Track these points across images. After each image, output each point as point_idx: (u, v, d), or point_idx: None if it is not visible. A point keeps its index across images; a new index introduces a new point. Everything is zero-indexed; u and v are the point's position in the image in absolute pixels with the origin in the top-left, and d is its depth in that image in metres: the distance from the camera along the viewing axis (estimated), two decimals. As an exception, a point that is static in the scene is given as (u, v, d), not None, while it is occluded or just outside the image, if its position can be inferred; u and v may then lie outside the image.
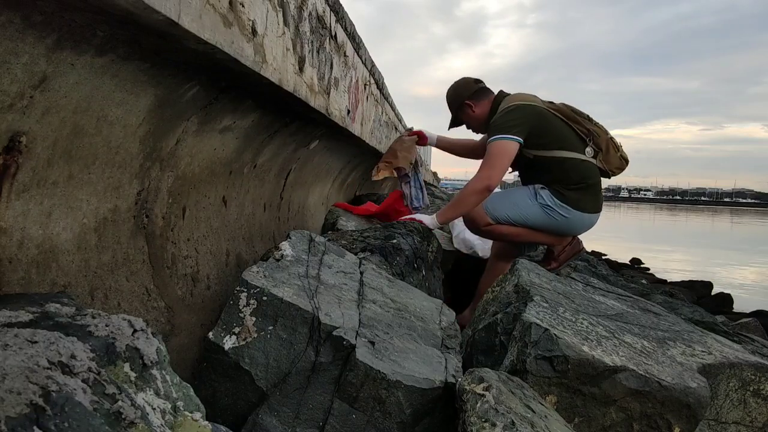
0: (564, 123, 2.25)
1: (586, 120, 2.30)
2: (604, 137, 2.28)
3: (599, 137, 2.27)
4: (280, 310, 1.18)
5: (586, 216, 2.30)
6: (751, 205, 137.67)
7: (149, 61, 1.10)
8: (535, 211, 2.25)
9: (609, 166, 2.30)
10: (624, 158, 2.34)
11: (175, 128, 1.40)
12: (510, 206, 2.27)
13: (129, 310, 1.25)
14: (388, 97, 4.80)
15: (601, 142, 2.27)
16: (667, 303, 2.73)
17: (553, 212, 2.25)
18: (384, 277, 1.58)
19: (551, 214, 2.25)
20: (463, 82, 2.47)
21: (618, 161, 2.32)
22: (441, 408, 1.13)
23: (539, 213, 2.25)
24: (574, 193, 2.24)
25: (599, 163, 2.29)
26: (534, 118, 2.20)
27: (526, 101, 2.25)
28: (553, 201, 2.24)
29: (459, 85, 2.47)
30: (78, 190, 1.10)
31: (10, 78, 0.83)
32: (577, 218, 2.27)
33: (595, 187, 2.31)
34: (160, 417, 0.70)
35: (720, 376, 1.46)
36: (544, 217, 2.26)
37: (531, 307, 1.49)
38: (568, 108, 2.30)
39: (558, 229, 2.30)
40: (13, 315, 0.72)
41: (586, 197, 2.26)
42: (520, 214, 2.26)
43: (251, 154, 2.02)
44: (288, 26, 1.61)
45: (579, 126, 2.26)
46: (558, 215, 2.25)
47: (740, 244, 17.03)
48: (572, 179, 2.24)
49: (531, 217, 2.26)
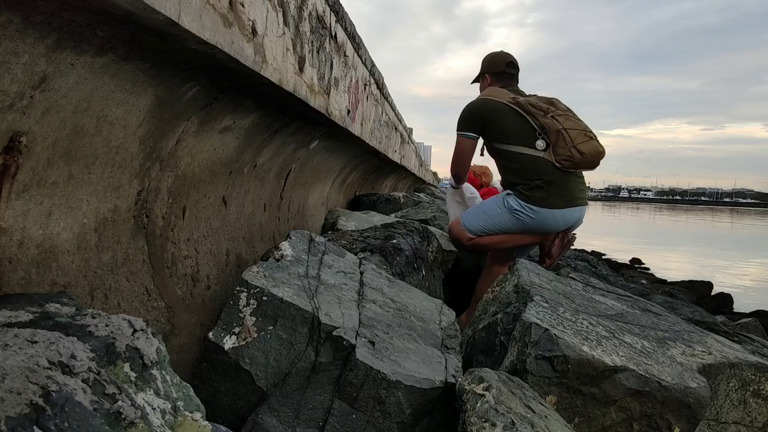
0: (521, 117, 2.30)
1: (541, 113, 2.27)
2: (554, 128, 2.24)
3: (549, 129, 2.25)
4: (280, 310, 1.18)
5: (557, 212, 2.29)
6: (751, 205, 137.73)
7: (149, 61, 1.10)
8: (505, 218, 2.36)
9: (557, 158, 2.24)
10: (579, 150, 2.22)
11: (175, 128, 1.40)
12: (483, 218, 2.40)
13: (129, 310, 1.25)
14: (388, 97, 4.80)
15: (551, 135, 2.25)
16: (667, 303, 2.73)
17: (521, 215, 2.32)
18: (384, 277, 1.58)
19: (520, 217, 2.33)
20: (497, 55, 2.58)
21: (567, 153, 2.22)
22: (441, 408, 1.13)
23: (509, 218, 2.35)
24: (536, 191, 2.27)
25: (548, 156, 2.26)
26: (486, 112, 2.36)
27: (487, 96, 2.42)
28: (518, 204, 2.31)
29: (492, 57, 2.59)
30: (78, 190, 1.10)
31: (10, 78, 0.83)
32: (546, 215, 2.28)
33: (555, 183, 2.27)
34: (160, 417, 0.70)
35: (720, 376, 1.46)
36: (515, 221, 2.34)
37: (531, 307, 1.49)
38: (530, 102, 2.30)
39: (532, 229, 2.35)
40: (13, 315, 0.72)
41: (550, 194, 2.26)
42: (494, 223, 2.39)
43: (251, 154, 2.02)
44: (288, 26, 1.61)
45: (533, 119, 2.28)
46: (526, 216, 2.31)
47: (740, 244, 17.04)
48: (528, 177, 2.29)
49: (503, 224, 2.37)
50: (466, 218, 2.44)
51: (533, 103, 2.29)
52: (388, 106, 4.83)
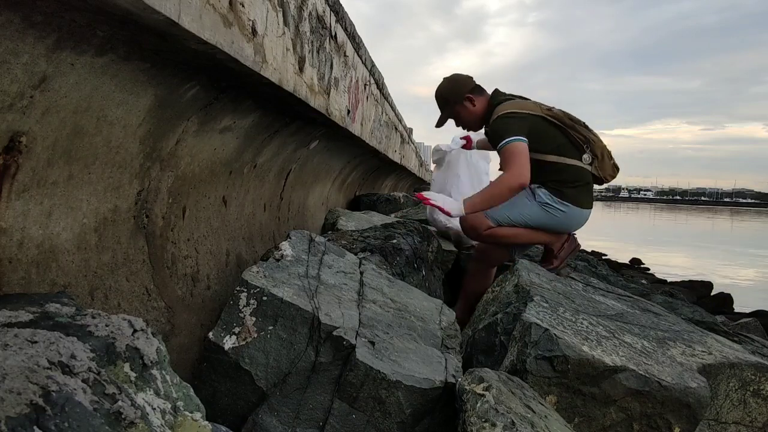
0: (560, 129, 2.32)
1: (583, 127, 2.36)
2: (599, 145, 2.36)
3: (595, 144, 2.35)
4: (280, 310, 1.18)
5: (584, 212, 2.38)
6: (751, 205, 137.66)
7: (149, 61, 1.10)
8: (534, 210, 2.31)
9: (603, 173, 2.39)
10: (616, 166, 2.44)
11: (175, 128, 1.40)
12: (509, 207, 2.31)
13: (129, 310, 1.25)
14: (388, 96, 4.80)
15: (596, 150, 2.36)
16: (667, 303, 2.73)
17: (552, 209, 2.31)
18: (384, 277, 1.58)
19: (551, 211, 2.31)
20: (461, 77, 2.49)
21: (611, 169, 2.42)
22: (441, 408, 1.13)
23: (538, 211, 2.31)
24: (570, 190, 2.31)
25: (594, 170, 2.38)
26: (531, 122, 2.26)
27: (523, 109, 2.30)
28: (551, 198, 2.31)
29: (457, 79, 2.48)
30: (78, 190, 1.10)
31: (10, 78, 0.83)
32: (575, 214, 2.34)
33: (589, 186, 2.40)
34: (160, 417, 0.70)
35: (720, 376, 1.46)
36: (544, 214, 2.32)
37: (531, 307, 1.49)
38: (566, 115, 2.36)
39: (557, 225, 2.36)
40: (13, 315, 0.72)
41: (582, 194, 2.34)
42: (520, 214, 2.31)
43: (251, 154, 2.02)
44: (288, 26, 1.61)
45: (576, 133, 2.33)
46: (557, 211, 2.31)
47: (740, 244, 17.04)
48: (567, 180, 2.32)
49: (531, 216, 2.31)
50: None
51: (570, 116, 2.36)
52: (388, 106, 4.83)
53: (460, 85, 2.43)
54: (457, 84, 2.44)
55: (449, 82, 2.47)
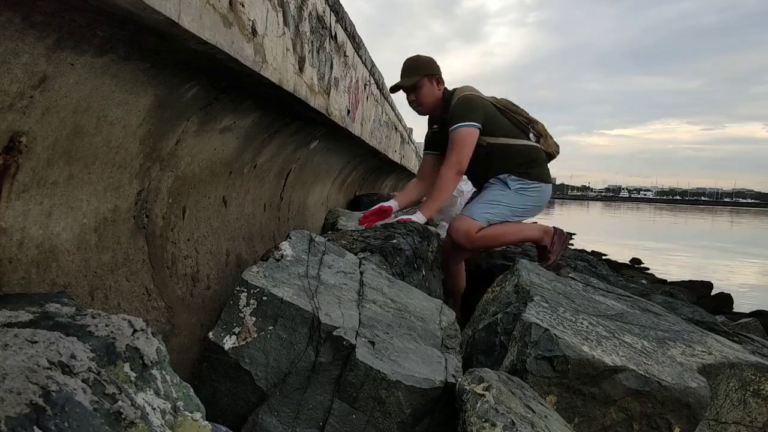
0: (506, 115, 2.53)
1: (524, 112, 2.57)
2: (540, 125, 2.59)
3: (537, 124, 2.57)
4: (280, 310, 1.18)
5: (549, 186, 2.59)
6: (751, 205, 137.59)
7: (149, 61, 1.10)
8: (512, 198, 2.44)
9: (550, 149, 2.60)
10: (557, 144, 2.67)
11: (175, 128, 1.40)
12: (488, 206, 2.42)
13: (129, 310, 1.25)
14: (388, 97, 4.80)
15: (539, 129, 2.58)
16: (667, 303, 2.73)
17: (528, 191, 2.47)
18: (384, 277, 1.58)
19: (527, 194, 2.47)
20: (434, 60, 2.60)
21: (555, 146, 2.64)
22: (441, 408, 1.13)
23: (517, 197, 2.45)
24: (535, 170, 2.49)
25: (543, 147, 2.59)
26: (486, 107, 2.46)
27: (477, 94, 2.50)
28: (522, 182, 2.46)
29: (431, 59, 2.60)
30: (78, 190, 1.10)
31: (10, 78, 0.83)
32: (547, 189, 2.55)
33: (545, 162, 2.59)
34: (160, 417, 0.70)
35: (720, 376, 1.46)
36: (523, 198, 2.46)
37: (531, 307, 1.49)
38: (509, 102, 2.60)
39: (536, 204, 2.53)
40: (13, 315, 0.72)
41: (543, 170, 2.54)
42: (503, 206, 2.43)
43: (251, 154, 2.02)
44: (288, 26, 1.61)
45: (519, 116, 2.55)
46: (533, 192, 2.47)
47: (740, 244, 17.04)
48: (528, 162, 2.49)
49: (512, 204, 2.43)
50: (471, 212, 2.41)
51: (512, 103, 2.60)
52: (388, 106, 4.83)
53: (436, 65, 2.57)
54: (434, 62, 2.58)
55: (428, 57, 2.61)
